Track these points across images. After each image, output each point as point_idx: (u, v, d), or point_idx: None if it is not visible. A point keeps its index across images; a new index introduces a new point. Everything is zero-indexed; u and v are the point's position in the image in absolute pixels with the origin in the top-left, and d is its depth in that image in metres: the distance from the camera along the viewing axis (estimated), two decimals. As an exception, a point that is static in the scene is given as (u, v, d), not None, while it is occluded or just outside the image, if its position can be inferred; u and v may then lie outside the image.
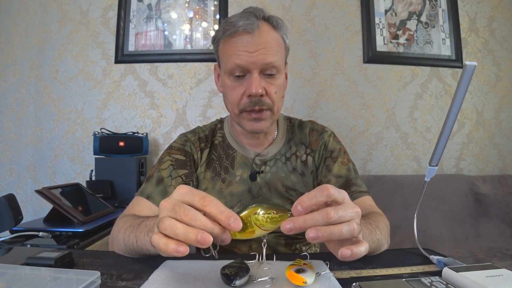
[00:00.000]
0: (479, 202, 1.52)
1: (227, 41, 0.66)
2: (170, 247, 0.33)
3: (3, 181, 1.66)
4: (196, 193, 0.36)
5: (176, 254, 0.33)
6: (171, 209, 0.35)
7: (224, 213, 0.35)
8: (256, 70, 0.64)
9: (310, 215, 0.36)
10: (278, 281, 0.40)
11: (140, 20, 1.70)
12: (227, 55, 0.66)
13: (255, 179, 0.73)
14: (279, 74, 0.67)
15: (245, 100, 0.66)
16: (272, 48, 0.64)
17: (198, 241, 0.32)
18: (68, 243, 0.86)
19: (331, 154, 0.75)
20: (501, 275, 0.38)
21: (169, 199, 0.37)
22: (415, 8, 1.76)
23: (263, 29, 0.64)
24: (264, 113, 0.67)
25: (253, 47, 0.63)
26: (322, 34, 1.72)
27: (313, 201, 0.36)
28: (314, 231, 0.35)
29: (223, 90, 0.71)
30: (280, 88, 0.69)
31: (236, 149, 0.76)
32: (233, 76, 0.66)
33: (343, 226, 0.35)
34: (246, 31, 0.63)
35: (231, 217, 0.34)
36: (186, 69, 1.70)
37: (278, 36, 0.67)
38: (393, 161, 1.72)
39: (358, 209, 0.38)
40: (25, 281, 0.36)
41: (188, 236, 0.33)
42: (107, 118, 1.68)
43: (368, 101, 1.72)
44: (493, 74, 1.78)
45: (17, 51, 1.70)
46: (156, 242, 0.34)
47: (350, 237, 0.36)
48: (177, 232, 0.33)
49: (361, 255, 0.37)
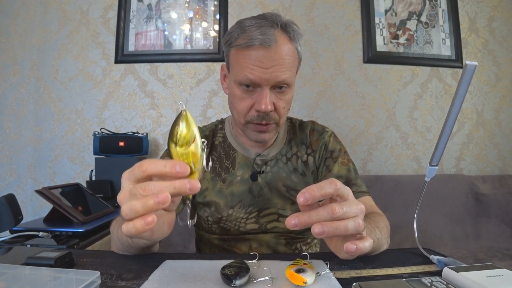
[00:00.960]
0: (479, 202, 1.52)
1: (241, 51, 0.63)
2: (138, 224, 0.32)
3: (3, 181, 1.66)
4: (134, 168, 0.35)
5: (147, 226, 0.32)
6: (129, 196, 0.34)
7: (167, 165, 0.33)
8: (267, 86, 0.63)
9: (315, 211, 0.36)
10: (278, 281, 0.40)
11: (140, 20, 1.70)
12: (239, 65, 0.64)
13: (256, 179, 0.73)
14: (289, 89, 0.66)
15: (253, 113, 0.65)
16: (287, 64, 0.62)
17: (158, 202, 0.31)
18: (68, 243, 0.86)
19: (331, 154, 0.75)
20: (501, 275, 0.38)
21: (122, 190, 0.35)
22: (415, 8, 1.76)
23: (280, 42, 0.62)
24: (270, 126, 0.67)
25: (268, 63, 0.61)
26: (322, 34, 1.72)
27: (322, 192, 0.35)
28: (320, 226, 0.35)
29: (230, 97, 0.70)
30: (288, 103, 0.68)
31: (237, 149, 0.76)
32: (243, 86, 0.64)
33: (349, 221, 0.36)
34: (262, 46, 0.60)
35: (175, 165, 0.33)
36: (186, 69, 1.70)
37: (293, 48, 0.65)
38: (393, 161, 1.72)
39: (362, 206, 0.38)
40: (25, 281, 0.36)
41: (148, 205, 0.31)
42: (107, 118, 1.68)
43: (368, 101, 1.72)
44: (493, 74, 1.78)
45: (17, 51, 1.70)
46: (126, 230, 0.33)
47: (355, 233, 0.36)
48: (136, 209, 0.32)
49: (365, 250, 0.37)
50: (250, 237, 0.71)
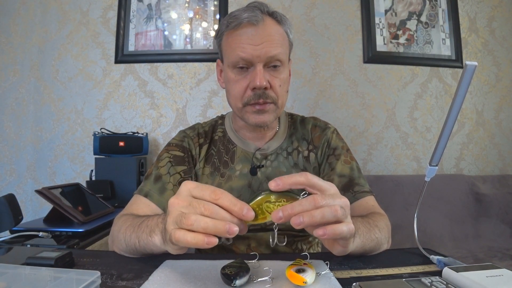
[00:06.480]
0: (479, 202, 1.52)
1: (231, 33, 0.65)
2: (199, 238, 0.34)
3: (3, 181, 1.66)
4: (205, 188, 0.37)
5: (207, 245, 0.34)
6: (187, 206, 0.36)
7: (237, 205, 0.36)
8: (260, 63, 0.63)
9: (298, 202, 0.37)
10: (278, 281, 0.40)
11: (140, 20, 1.70)
12: (230, 48, 0.65)
13: (255, 173, 0.72)
14: (283, 67, 0.67)
15: (249, 93, 0.65)
16: (277, 41, 0.64)
17: (228, 231, 0.34)
18: (68, 243, 0.86)
19: (333, 151, 0.74)
20: (501, 275, 0.38)
21: (179, 195, 0.37)
22: (415, 8, 1.76)
23: (267, 22, 0.64)
24: (267, 106, 0.66)
25: (258, 39, 0.62)
26: (322, 34, 1.72)
27: (292, 180, 0.38)
28: (297, 217, 0.35)
29: (226, 84, 0.70)
30: (285, 82, 0.68)
31: (236, 144, 0.75)
32: (237, 68, 0.65)
33: (325, 208, 0.36)
34: (250, 23, 0.63)
35: (244, 208, 0.36)
36: (186, 69, 1.70)
37: (282, 30, 0.67)
38: (393, 161, 1.72)
39: (345, 199, 0.39)
40: (25, 281, 0.36)
41: (218, 227, 0.34)
42: (107, 118, 1.68)
43: (368, 101, 1.72)
44: (493, 74, 1.78)
45: (17, 51, 1.70)
46: (183, 237, 0.35)
47: (333, 219, 0.36)
48: (205, 226, 0.34)
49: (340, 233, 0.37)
50: (249, 235, 0.70)
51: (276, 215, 0.36)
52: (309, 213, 0.35)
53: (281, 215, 0.36)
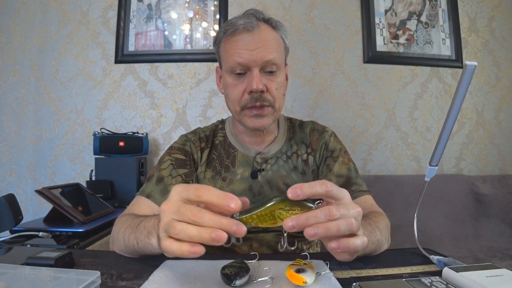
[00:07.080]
0: (479, 202, 1.52)
1: (228, 40, 0.67)
2: (184, 249, 0.34)
3: (3, 181, 1.66)
4: (189, 187, 0.36)
5: (193, 255, 0.34)
6: (176, 211, 0.35)
7: (220, 196, 0.34)
8: (256, 67, 0.65)
9: (312, 213, 0.36)
10: (278, 281, 0.40)
11: (140, 20, 1.70)
12: (228, 54, 0.67)
13: (256, 177, 0.73)
14: (279, 71, 0.69)
15: (246, 97, 0.67)
16: (272, 46, 0.66)
17: (213, 239, 0.33)
18: (68, 243, 0.86)
19: (331, 153, 0.75)
20: (501, 275, 0.38)
21: (169, 201, 0.36)
22: (415, 8, 1.76)
23: (263, 28, 0.67)
24: (265, 109, 0.67)
25: (253, 44, 0.64)
26: (322, 34, 1.72)
27: (312, 190, 0.36)
28: (311, 228, 0.35)
29: (225, 89, 0.72)
30: (281, 86, 0.70)
31: (237, 148, 0.76)
32: (234, 74, 0.67)
33: (341, 221, 0.35)
34: (246, 29, 0.65)
35: (227, 198, 0.34)
36: (186, 69, 1.70)
37: (277, 35, 0.69)
38: (393, 161, 1.72)
39: (359, 209, 0.38)
40: (25, 281, 0.36)
41: (203, 236, 0.33)
42: (107, 118, 1.68)
43: (368, 101, 1.72)
44: (493, 74, 1.78)
45: (17, 51, 1.70)
46: (169, 247, 0.34)
47: (348, 232, 0.36)
48: (191, 235, 0.33)
49: (354, 247, 0.37)
50: (251, 236, 0.71)
51: (288, 223, 0.35)
52: (324, 226, 0.35)
53: (294, 224, 0.35)
